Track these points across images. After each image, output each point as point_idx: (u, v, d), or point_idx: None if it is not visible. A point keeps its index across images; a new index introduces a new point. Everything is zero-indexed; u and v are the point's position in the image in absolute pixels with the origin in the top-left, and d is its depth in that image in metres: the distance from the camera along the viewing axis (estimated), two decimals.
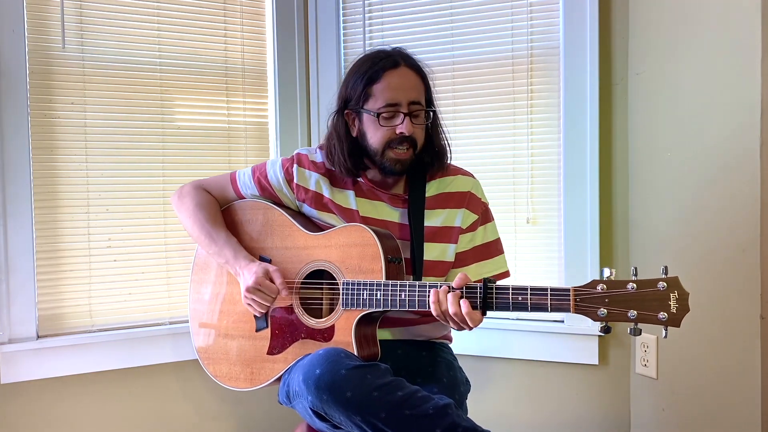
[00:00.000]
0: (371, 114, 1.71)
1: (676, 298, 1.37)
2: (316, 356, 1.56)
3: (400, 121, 1.69)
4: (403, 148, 1.71)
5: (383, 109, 1.69)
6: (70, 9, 2.18)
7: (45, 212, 2.17)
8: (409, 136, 1.70)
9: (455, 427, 1.47)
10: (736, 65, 1.81)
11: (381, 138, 1.71)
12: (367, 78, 1.71)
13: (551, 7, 2.27)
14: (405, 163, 1.74)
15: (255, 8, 2.46)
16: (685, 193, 2.01)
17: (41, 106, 2.16)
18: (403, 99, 1.69)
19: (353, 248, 1.68)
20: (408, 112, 1.69)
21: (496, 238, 1.87)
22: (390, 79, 1.69)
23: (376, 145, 1.73)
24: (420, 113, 1.73)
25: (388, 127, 1.70)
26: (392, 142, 1.71)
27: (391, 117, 1.70)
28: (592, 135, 2.21)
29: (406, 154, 1.72)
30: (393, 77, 1.70)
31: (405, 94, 1.69)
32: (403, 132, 1.69)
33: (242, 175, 1.91)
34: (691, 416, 2.01)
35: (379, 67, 1.70)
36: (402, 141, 1.70)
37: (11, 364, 2.10)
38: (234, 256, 1.78)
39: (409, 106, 1.70)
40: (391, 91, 1.69)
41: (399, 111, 1.69)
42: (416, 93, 1.71)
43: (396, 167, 1.73)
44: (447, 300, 1.52)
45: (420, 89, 1.73)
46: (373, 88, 1.70)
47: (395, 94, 1.69)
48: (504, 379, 2.37)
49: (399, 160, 1.72)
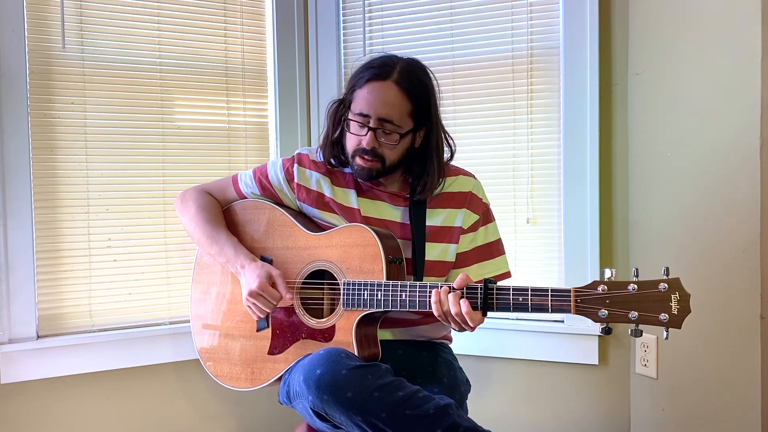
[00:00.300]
0: (348, 119, 1.72)
1: (678, 300, 1.37)
2: (316, 356, 1.56)
3: (364, 133, 1.69)
4: (367, 157, 1.71)
5: (355, 117, 1.70)
6: (70, 9, 2.18)
7: (45, 212, 2.17)
8: (369, 149, 1.69)
9: (456, 428, 1.47)
10: (736, 65, 1.82)
11: (350, 144, 1.74)
12: (354, 82, 1.72)
13: (551, 7, 2.27)
14: (371, 173, 1.73)
15: (255, 8, 2.46)
16: (685, 193, 2.01)
17: (41, 106, 2.15)
18: (372, 113, 1.67)
19: (354, 248, 1.68)
20: (374, 128, 1.67)
21: (498, 239, 1.87)
22: (369, 90, 1.67)
23: (348, 148, 1.75)
24: (392, 131, 1.69)
25: (355, 135, 1.71)
26: (357, 151, 1.71)
27: (361, 127, 1.70)
28: (592, 135, 2.21)
29: (372, 164, 1.71)
30: (373, 88, 1.67)
31: (376, 109, 1.66)
32: (363, 146, 1.69)
33: (244, 176, 1.92)
34: (691, 416, 2.01)
35: (368, 74, 1.69)
36: (365, 152, 1.70)
37: (11, 364, 2.10)
38: (235, 254, 1.78)
39: (378, 122, 1.67)
40: (364, 102, 1.68)
41: (366, 124, 1.68)
42: (391, 111, 1.67)
43: (361, 174, 1.74)
44: (448, 300, 1.52)
45: (400, 108, 1.67)
46: (356, 94, 1.70)
47: (367, 106, 1.67)
48: (504, 379, 2.38)
49: (364, 167, 1.72)
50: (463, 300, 1.51)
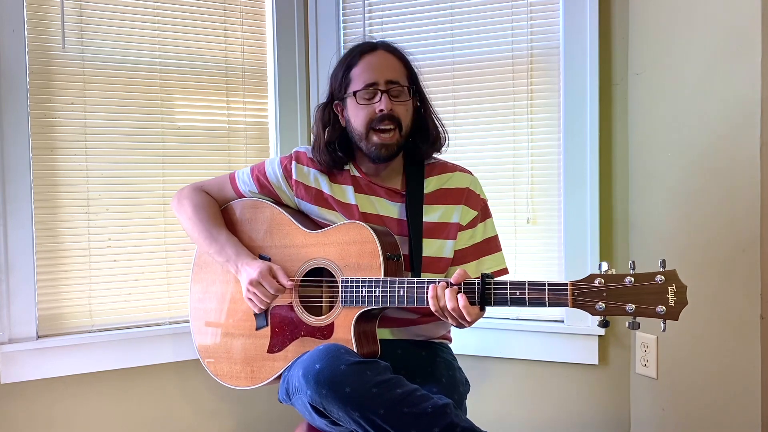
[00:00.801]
0: (352, 96, 1.74)
1: (674, 291, 1.37)
2: (316, 352, 1.56)
3: (378, 98, 1.72)
4: (385, 127, 1.72)
5: (362, 90, 1.72)
6: (70, 9, 2.19)
7: (45, 212, 2.17)
8: (388, 113, 1.71)
9: (454, 427, 1.47)
10: (736, 65, 1.81)
11: (363, 119, 1.74)
12: (347, 64, 1.77)
13: (551, 7, 2.27)
14: (391, 148, 1.74)
15: (255, 8, 2.47)
16: (686, 193, 2.00)
17: (41, 106, 2.16)
18: (380, 78, 1.72)
19: (352, 246, 1.68)
20: (386, 89, 1.71)
21: (495, 235, 1.87)
22: (367, 61, 1.74)
23: (359, 127, 1.75)
24: (401, 92, 1.74)
25: (368, 106, 1.73)
26: (374, 122, 1.72)
27: (371, 97, 1.73)
28: (592, 135, 2.21)
29: (391, 137, 1.73)
30: (369, 58, 1.75)
31: (381, 73, 1.72)
32: (382, 109, 1.71)
33: (241, 174, 1.92)
34: (691, 416, 2.01)
35: (357, 52, 1.77)
36: (382, 119, 1.71)
37: (11, 364, 2.10)
38: (236, 254, 1.78)
39: (387, 84, 1.72)
40: (367, 72, 1.73)
41: (377, 89, 1.72)
42: (394, 73, 1.74)
43: (382, 152, 1.74)
44: (445, 295, 1.52)
45: (399, 70, 1.76)
46: (352, 73, 1.75)
47: (371, 74, 1.72)
48: (504, 379, 2.37)
49: (384, 144, 1.73)
50: (460, 294, 1.51)
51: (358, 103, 1.73)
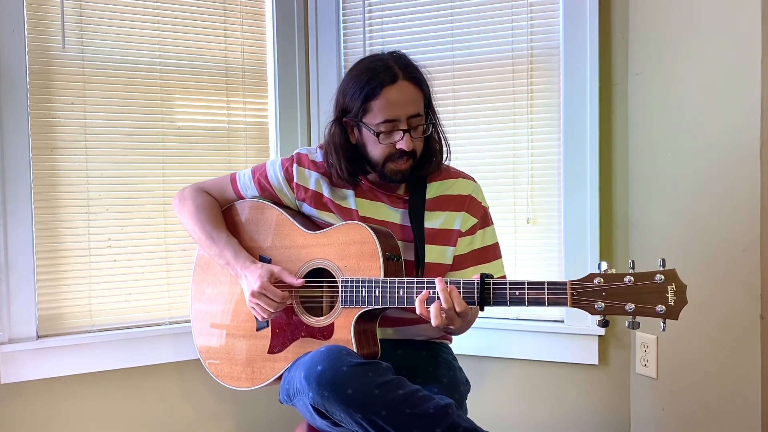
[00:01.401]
0: (370, 130, 1.70)
1: (674, 291, 1.37)
2: (317, 353, 1.55)
3: (399, 137, 1.68)
4: (402, 160, 1.72)
5: (382, 126, 1.68)
6: (70, 9, 2.19)
7: (45, 212, 2.17)
8: (409, 151, 1.70)
9: (456, 427, 1.47)
10: (736, 65, 1.82)
11: (380, 153, 1.72)
12: (365, 94, 1.68)
13: (551, 7, 2.27)
14: (406, 173, 1.74)
15: (255, 8, 2.46)
16: (686, 193, 2.01)
17: (41, 106, 2.16)
18: (402, 115, 1.67)
19: (352, 246, 1.68)
20: (407, 128, 1.68)
21: (495, 243, 1.87)
22: (388, 96, 1.66)
23: (376, 158, 1.73)
24: (419, 126, 1.71)
25: (388, 144, 1.70)
26: (392, 156, 1.71)
27: (390, 132, 1.69)
28: (592, 135, 2.21)
29: (406, 164, 1.73)
30: (391, 93, 1.67)
31: (404, 109, 1.67)
32: (403, 148, 1.69)
33: (242, 176, 1.92)
34: (691, 416, 2.01)
35: (377, 82, 1.67)
36: (402, 155, 1.70)
37: (11, 364, 2.10)
38: (235, 258, 1.78)
39: (408, 120, 1.68)
40: (389, 108, 1.67)
41: (398, 128, 1.68)
42: (414, 106, 1.69)
43: (396, 177, 1.74)
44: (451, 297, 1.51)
45: (419, 101, 1.71)
46: (372, 104, 1.68)
47: (394, 110, 1.67)
48: (504, 379, 2.37)
49: (399, 171, 1.73)
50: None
51: (379, 141, 1.70)
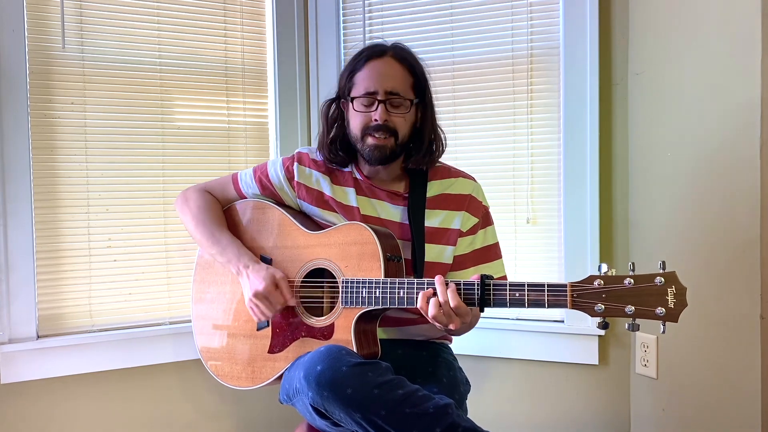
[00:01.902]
0: (351, 102, 1.75)
1: (674, 293, 1.37)
2: (317, 353, 1.56)
3: (374, 107, 1.72)
4: (380, 135, 1.73)
5: (361, 97, 1.73)
6: (70, 9, 2.19)
7: (45, 212, 2.17)
8: (383, 124, 1.71)
9: (455, 427, 1.47)
10: (736, 65, 1.82)
11: (358, 124, 1.75)
12: (352, 68, 1.76)
13: (551, 7, 2.27)
14: (384, 150, 1.74)
15: (255, 8, 2.46)
16: (686, 193, 2.01)
17: (41, 106, 2.16)
18: (379, 87, 1.71)
19: (353, 246, 1.68)
20: (383, 100, 1.71)
21: (495, 242, 1.87)
22: (370, 67, 1.74)
23: (355, 131, 1.76)
24: (401, 104, 1.73)
25: (364, 113, 1.73)
26: (368, 129, 1.73)
27: (369, 105, 1.73)
28: (592, 135, 2.21)
29: (385, 141, 1.73)
30: (374, 65, 1.74)
31: (382, 82, 1.71)
32: (377, 119, 1.71)
33: (244, 175, 1.92)
34: (691, 416, 2.01)
35: (364, 56, 1.76)
36: (378, 128, 1.72)
37: (11, 364, 2.10)
38: (237, 255, 1.78)
39: (386, 94, 1.71)
40: (369, 80, 1.72)
41: (375, 98, 1.72)
42: (395, 83, 1.73)
43: (375, 153, 1.74)
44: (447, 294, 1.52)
45: (403, 80, 1.74)
46: (356, 77, 1.75)
47: (372, 82, 1.72)
48: (504, 379, 2.37)
49: (377, 146, 1.73)
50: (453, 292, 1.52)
51: (356, 109, 1.74)
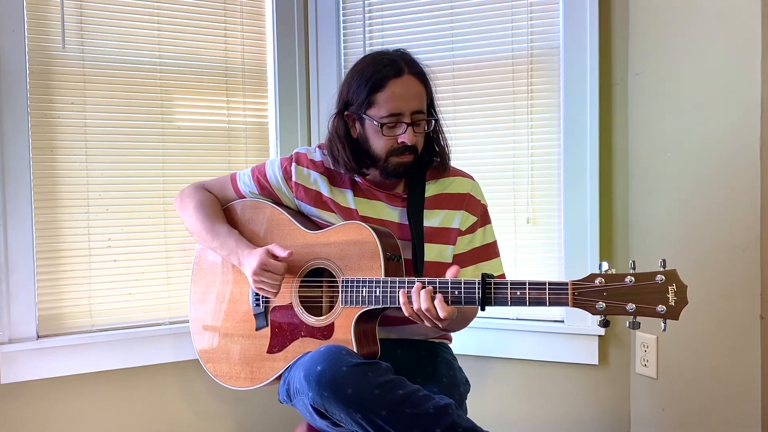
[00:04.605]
0: (374, 123, 1.70)
1: (675, 291, 1.37)
2: (317, 353, 1.56)
3: (402, 131, 1.70)
4: (405, 155, 1.72)
5: (386, 119, 1.69)
6: (70, 9, 2.19)
7: (45, 212, 2.17)
8: (411, 145, 1.70)
9: (456, 427, 1.47)
10: (736, 65, 1.82)
11: (383, 146, 1.72)
12: (370, 85, 1.69)
13: (551, 7, 2.27)
14: (407, 166, 1.74)
15: (255, 8, 2.46)
16: (685, 193, 2.01)
17: (41, 106, 2.16)
18: (406, 109, 1.68)
19: (352, 246, 1.68)
20: (411, 122, 1.69)
21: (494, 241, 1.87)
22: (394, 89, 1.68)
23: (378, 152, 1.73)
24: (422, 122, 1.73)
25: (391, 137, 1.71)
26: (395, 151, 1.72)
27: (394, 126, 1.70)
28: (592, 135, 2.21)
29: (409, 158, 1.73)
30: (397, 86, 1.68)
31: (408, 103, 1.69)
32: (405, 142, 1.69)
33: (242, 175, 1.92)
34: (691, 416, 2.01)
35: (383, 74, 1.69)
36: (404, 150, 1.71)
37: (11, 364, 2.10)
38: (237, 245, 1.78)
39: (412, 116, 1.69)
40: (394, 101, 1.68)
41: (401, 121, 1.69)
42: (419, 102, 1.71)
43: (399, 170, 1.74)
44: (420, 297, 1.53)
45: (422, 97, 1.73)
46: (377, 96, 1.69)
47: (399, 104, 1.68)
48: (504, 379, 2.37)
49: (402, 163, 1.73)
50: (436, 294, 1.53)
51: (383, 133, 1.70)
